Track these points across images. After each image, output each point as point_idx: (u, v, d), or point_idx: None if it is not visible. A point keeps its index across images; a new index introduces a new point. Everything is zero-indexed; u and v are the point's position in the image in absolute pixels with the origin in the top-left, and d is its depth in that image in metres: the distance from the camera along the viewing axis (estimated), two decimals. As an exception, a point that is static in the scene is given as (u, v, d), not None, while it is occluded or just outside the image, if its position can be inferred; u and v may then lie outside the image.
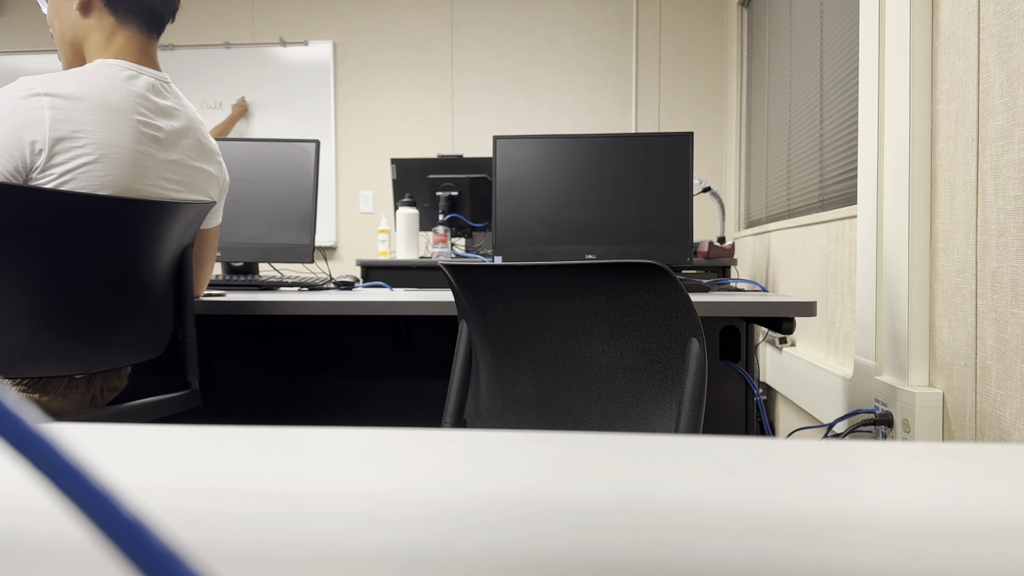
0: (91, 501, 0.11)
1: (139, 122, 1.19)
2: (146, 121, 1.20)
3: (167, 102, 1.26)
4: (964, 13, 1.30)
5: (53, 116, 1.09)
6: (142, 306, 1.23)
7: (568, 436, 0.32)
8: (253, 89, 4.42)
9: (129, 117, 1.17)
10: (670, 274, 0.91)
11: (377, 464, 0.28)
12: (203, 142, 1.33)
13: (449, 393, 1.20)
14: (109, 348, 1.19)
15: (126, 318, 1.20)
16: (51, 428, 0.11)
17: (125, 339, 1.21)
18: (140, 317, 1.23)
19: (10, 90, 1.09)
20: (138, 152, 1.18)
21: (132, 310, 1.21)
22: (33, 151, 1.08)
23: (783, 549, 0.21)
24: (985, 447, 0.30)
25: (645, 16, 4.15)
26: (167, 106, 1.26)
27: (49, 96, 1.09)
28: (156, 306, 1.26)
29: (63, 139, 1.09)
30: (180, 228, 1.27)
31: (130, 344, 1.23)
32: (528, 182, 1.78)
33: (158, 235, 1.22)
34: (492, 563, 0.20)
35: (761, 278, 3.05)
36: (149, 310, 1.25)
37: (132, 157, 1.17)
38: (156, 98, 1.24)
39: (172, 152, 1.25)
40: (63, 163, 1.10)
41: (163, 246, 1.24)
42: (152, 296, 1.25)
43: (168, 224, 1.23)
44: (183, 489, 0.26)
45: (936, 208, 1.41)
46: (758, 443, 0.31)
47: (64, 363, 1.13)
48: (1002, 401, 1.18)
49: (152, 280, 1.24)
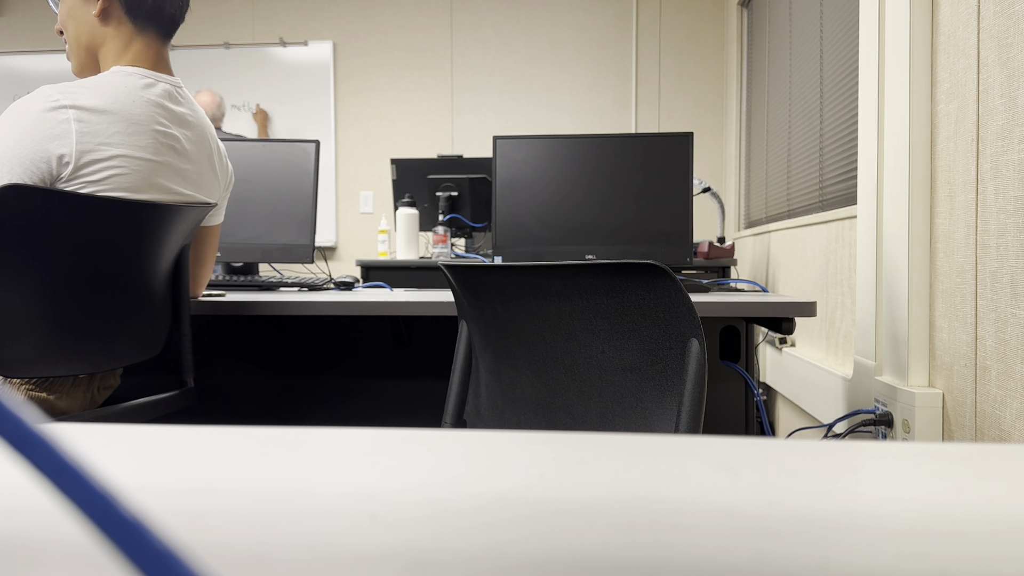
0: (91, 501, 0.11)
1: (158, 132, 1.20)
2: (165, 131, 1.21)
3: (182, 108, 1.27)
4: (964, 13, 1.30)
5: (79, 129, 1.10)
6: (143, 305, 1.23)
7: (568, 436, 0.32)
8: (253, 89, 4.42)
9: (149, 128, 1.18)
10: (670, 274, 0.91)
11: (377, 464, 0.28)
12: (213, 146, 1.34)
13: (449, 393, 1.20)
14: (115, 348, 1.20)
15: (129, 317, 1.21)
16: (51, 428, 0.11)
17: (129, 338, 1.22)
18: (142, 316, 1.24)
19: (33, 101, 1.09)
20: (157, 163, 1.20)
21: (135, 309, 1.22)
22: (60, 163, 1.09)
23: (783, 549, 0.21)
24: (985, 447, 0.30)
25: (645, 16, 4.15)
26: (182, 113, 1.27)
27: (75, 109, 1.10)
28: (155, 305, 1.27)
29: (89, 152, 1.11)
30: (183, 229, 1.28)
31: (133, 343, 1.23)
32: (528, 182, 1.78)
33: (162, 236, 1.23)
34: (492, 563, 0.20)
35: (761, 278, 3.05)
36: (149, 309, 1.25)
37: (152, 168, 1.19)
38: (173, 105, 1.25)
39: (188, 162, 1.26)
40: (89, 175, 1.11)
41: (165, 247, 1.25)
42: (152, 295, 1.25)
43: (172, 226, 1.23)
44: (183, 489, 0.26)
45: (936, 208, 1.41)
46: (758, 443, 0.31)
47: (76, 363, 1.14)
48: (1002, 401, 1.18)
49: (153, 280, 1.25)
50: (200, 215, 1.29)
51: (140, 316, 1.23)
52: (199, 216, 1.29)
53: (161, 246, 1.23)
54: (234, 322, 1.89)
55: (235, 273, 1.92)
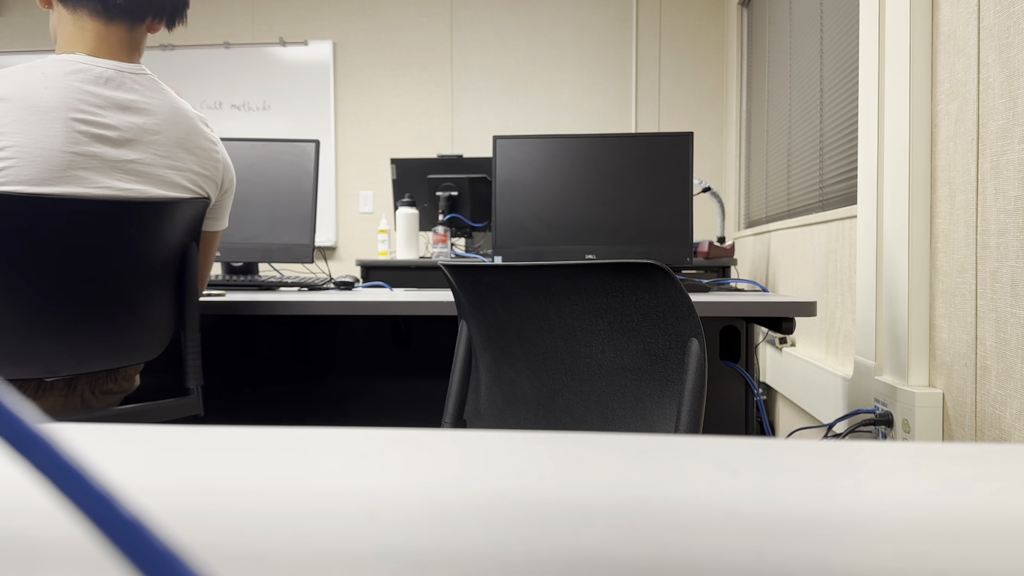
0: (91, 501, 0.11)
1: (76, 121, 1.11)
2: (89, 119, 1.12)
3: (129, 95, 1.17)
4: (964, 13, 1.30)
5: None
6: (120, 308, 1.18)
7: (568, 436, 0.32)
8: (253, 89, 4.42)
9: (62, 116, 1.10)
10: (670, 274, 0.91)
11: (377, 464, 0.28)
12: (186, 137, 1.23)
13: (449, 393, 1.20)
14: (77, 351, 1.14)
15: (94, 321, 1.15)
16: (51, 428, 0.11)
17: (101, 341, 1.17)
18: (121, 319, 1.19)
19: None
20: (72, 154, 1.11)
21: (104, 312, 1.16)
22: None
23: (783, 549, 0.21)
24: (985, 447, 0.30)
25: (645, 16, 4.15)
26: (127, 100, 1.17)
27: None
28: (139, 307, 1.21)
29: None
30: (155, 227, 1.19)
31: (109, 346, 1.18)
32: (528, 182, 1.78)
33: (128, 235, 1.15)
34: (492, 563, 0.20)
35: (761, 278, 3.05)
36: (133, 312, 1.20)
37: (62, 159, 1.10)
38: (111, 91, 1.15)
39: (130, 151, 1.16)
40: None
41: (134, 246, 1.17)
42: (134, 297, 1.20)
43: (132, 223, 1.15)
44: (183, 489, 0.26)
45: (936, 208, 1.41)
46: (758, 443, 0.31)
47: (26, 367, 1.09)
48: (1002, 401, 1.18)
49: (128, 282, 1.18)
50: (177, 212, 1.21)
51: (119, 318, 1.18)
52: (173, 213, 1.20)
53: (127, 245, 1.15)
54: (234, 322, 1.89)
55: (235, 273, 1.92)
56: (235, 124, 4.42)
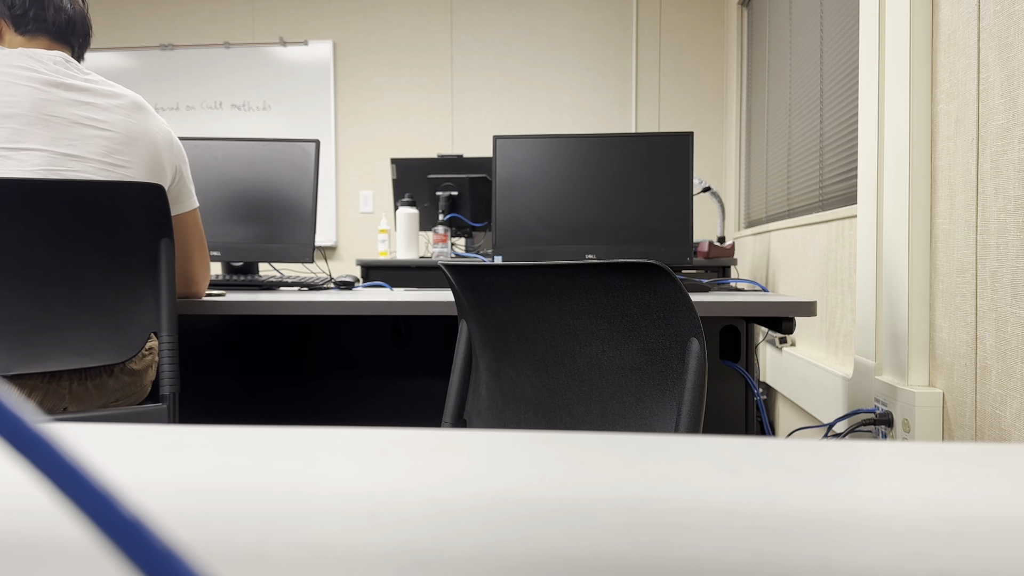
0: (91, 501, 0.11)
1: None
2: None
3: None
4: (964, 13, 1.30)
5: None
6: (73, 307, 1.13)
7: (568, 436, 0.32)
8: (253, 89, 4.42)
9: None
10: (670, 274, 0.91)
11: (377, 464, 0.28)
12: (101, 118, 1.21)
13: (449, 393, 1.20)
14: (32, 349, 1.10)
15: (47, 319, 1.11)
16: (51, 428, 0.11)
17: (56, 342, 1.12)
18: (75, 318, 1.13)
19: None
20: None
21: (52, 311, 1.12)
22: None
23: (783, 549, 0.21)
24: (985, 447, 0.30)
25: (645, 16, 4.15)
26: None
27: None
28: (98, 308, 1.16)
29: None
30: (92, 215, 1.13)
31: (65, 348, 1.13)
32: (528, 182, 1.78)
33: (63, 225, 1.10)
34: (492, 563, 0.20)
35: (761, 278, 3.05)
36: (94, 311, 1.15)
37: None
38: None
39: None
40: None
41: (79, 238, 1.12)
42: (94, 296, 1.15)
43: (55, 212, 1.09)
44: (183, 489, 0.26)
45: (936, 208, 1.41)
46: (758, 443, 0.31)
47: None
48: (1002, 401, 1.18)
49: (76, 279, 1.13)
50: (126, 198, 1.14)
51: (72, 317, 1.13)
52: (122, 199, 1.13)
53: (70, 237, 1.10)
54: (234, 322, 1.89)
55: (235, 273, 1.92)
56: (235, 124, 4.42)
